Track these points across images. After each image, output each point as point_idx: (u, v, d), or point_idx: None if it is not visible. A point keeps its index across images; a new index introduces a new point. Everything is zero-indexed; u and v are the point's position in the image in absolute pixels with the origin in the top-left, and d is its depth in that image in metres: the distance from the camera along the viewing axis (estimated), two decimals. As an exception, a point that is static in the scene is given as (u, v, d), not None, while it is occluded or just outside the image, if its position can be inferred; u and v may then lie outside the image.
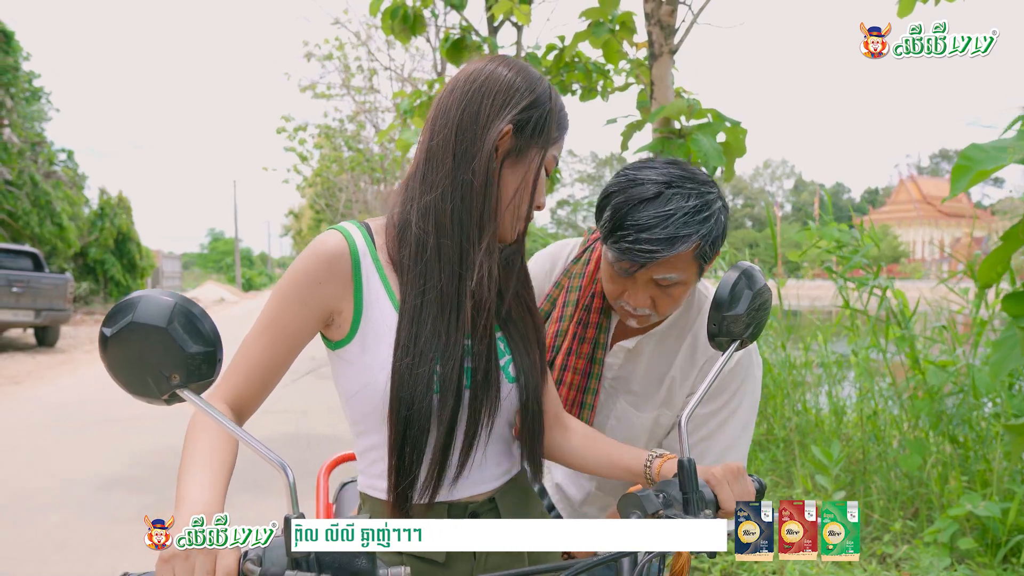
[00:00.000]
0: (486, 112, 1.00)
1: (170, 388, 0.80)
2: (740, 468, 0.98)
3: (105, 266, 21.91)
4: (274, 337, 1.00)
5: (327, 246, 1.01)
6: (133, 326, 0.77)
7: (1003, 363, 2.01)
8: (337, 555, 0.74)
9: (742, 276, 1.05)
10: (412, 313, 0.98)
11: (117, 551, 3.46)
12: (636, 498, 0.92)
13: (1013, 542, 2.62)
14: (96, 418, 6.71)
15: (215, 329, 0.81)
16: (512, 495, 1.09)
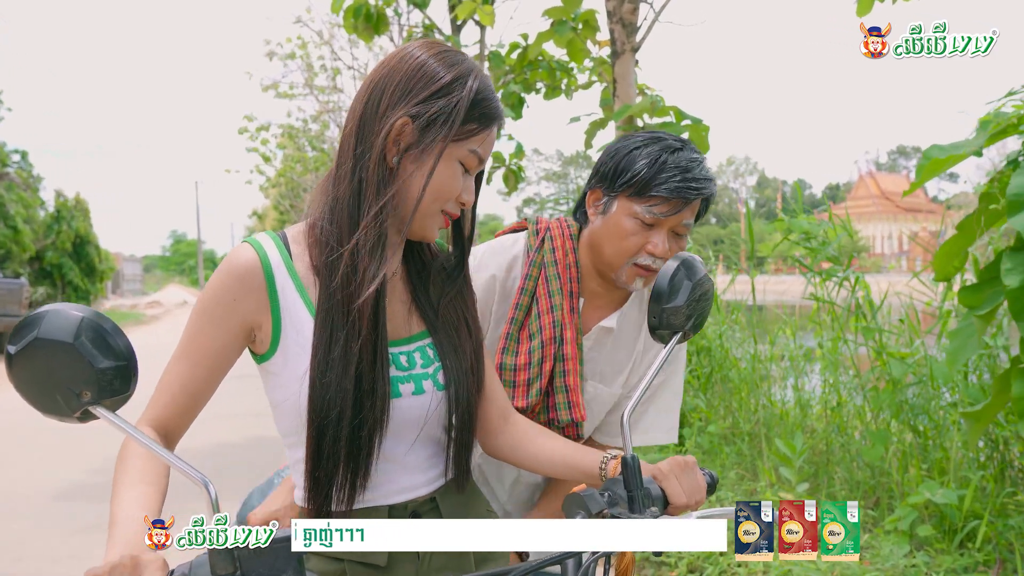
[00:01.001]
0: (384, 103, 0.96)
1: (81, 405, 0.77)
2: (688, 461, 0.98)
3: (63, 270, 21.40)
4: (195, 359, 0.98)
5: (238, 261, 0.98)
6: (38, 342, 0.74)
7: (959, 352, 2.06)
8: (264, 571, 0.73)
9: (681, 266, 1.04)
10: (322, 322, 0.96)
11: (77, 561, 3.37)
12: (580, 498, 0.91)
13: (968, 528, 2.69)
14: (51, 425, 6.49)
15: (128, 343, 0.78)
16: (453, 496, 1.08)
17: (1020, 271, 1.89)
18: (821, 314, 3.87)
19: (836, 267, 3.50)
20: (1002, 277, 1.89)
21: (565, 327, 1.37)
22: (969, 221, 2.13)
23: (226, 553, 0.73)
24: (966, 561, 2.52)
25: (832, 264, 3.53)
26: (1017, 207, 1.84)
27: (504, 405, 1.16)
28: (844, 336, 3.63)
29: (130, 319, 21.93)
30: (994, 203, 2.08)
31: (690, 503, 0.96)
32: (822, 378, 4.05)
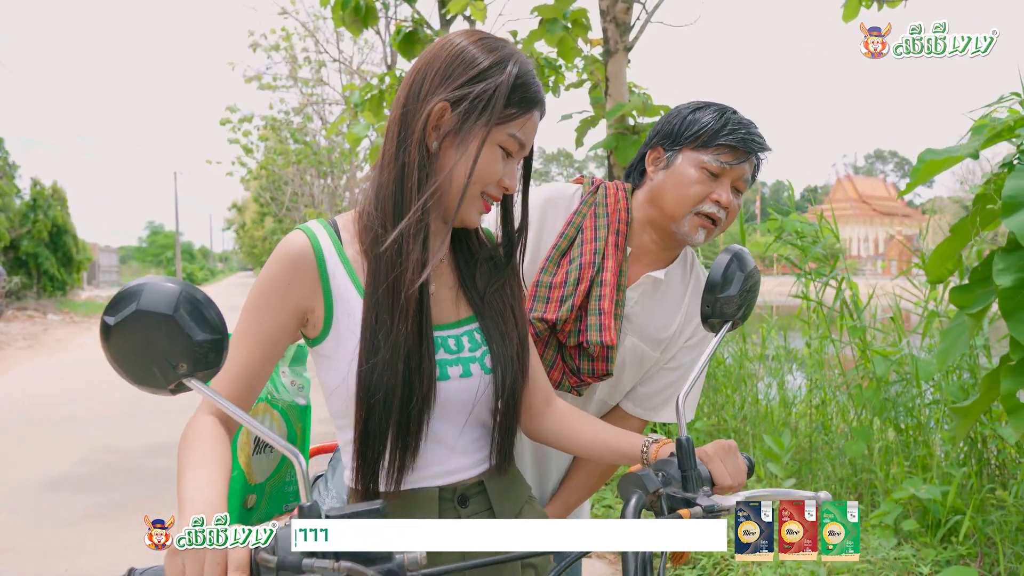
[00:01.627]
0: (426, 88, 0.99)
1: (177, 377, 0.78)
2: (731, 445, 1.01)
3: (39, 259, 21.06)
4: (252, 343, 1.00)
5: (291, 248, 1.01)
6: (138, 314, 0.76)
7: (949, 351, 2.12)
8: None
9: (734, 259, 1.08)
10: (370, 305, 0.99)
11: (70, 552, 3.36)
12: (637, 477, 0.94)
13: (952, 522, 2.77)
14: (34, 416, 6.48)
15: (221, 316, 0.80)
16: (499, 478, 1.11)
17: (1012, 271, 1.94)
18: (807, 313, 3.94)
19: (824, 267, 3.57)
20: (994, 277, 1.94)
21: (607, 256, 1.40)
22: (964, 224, 2.18)
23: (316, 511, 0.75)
24: (949, 554, 2.60)
25: (820, 264, 3.60)
26: (1012, 208, 1.90)
27: (547, 390, 1.18)
28: (830, 335, 3.70)
29: (107, 310, 21.60)
30: (991, 203, 2.14)
31: (734, 484, 0.99)
32: (807, 377, 4.13)
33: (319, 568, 0.72)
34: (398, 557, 0.75)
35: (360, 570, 0.72)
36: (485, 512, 1.08)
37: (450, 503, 1.05)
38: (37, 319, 17.90)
